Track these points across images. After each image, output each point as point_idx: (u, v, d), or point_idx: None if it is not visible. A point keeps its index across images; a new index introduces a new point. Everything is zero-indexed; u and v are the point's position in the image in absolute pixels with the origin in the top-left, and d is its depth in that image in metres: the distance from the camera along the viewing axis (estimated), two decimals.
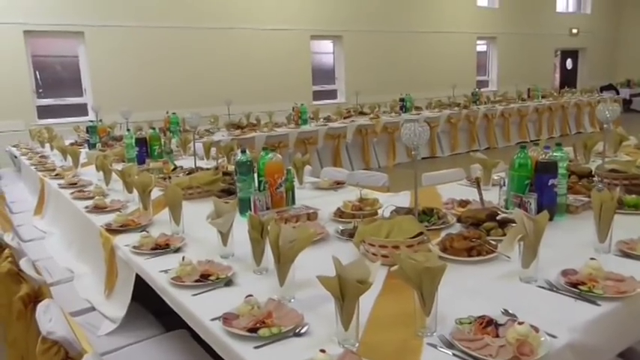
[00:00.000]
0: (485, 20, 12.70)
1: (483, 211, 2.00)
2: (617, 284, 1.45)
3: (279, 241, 1.41)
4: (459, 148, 8.54)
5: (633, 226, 1.97)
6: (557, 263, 1.60)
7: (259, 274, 1.65)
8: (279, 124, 7.03)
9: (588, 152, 3.30)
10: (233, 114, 7.35)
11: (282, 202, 2.33)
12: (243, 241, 1.72)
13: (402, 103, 8.60)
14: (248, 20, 8.91)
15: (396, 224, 1.75)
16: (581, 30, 14.83)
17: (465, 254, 1.70)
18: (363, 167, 7.30)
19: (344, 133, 7.13)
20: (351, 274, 1.16)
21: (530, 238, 1.50)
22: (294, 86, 9.42)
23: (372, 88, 10.06)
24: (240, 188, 2.30)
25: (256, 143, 6.09)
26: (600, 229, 1.75)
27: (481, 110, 8.96)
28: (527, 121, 9.71)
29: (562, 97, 11.07)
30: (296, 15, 9.48)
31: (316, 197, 2.69)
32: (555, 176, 2.09)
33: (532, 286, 1.50)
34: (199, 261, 1.70)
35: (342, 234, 1.97)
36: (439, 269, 1.21)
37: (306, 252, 1.73)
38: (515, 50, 13.38)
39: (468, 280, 1.57)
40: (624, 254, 1.71)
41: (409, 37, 11.05)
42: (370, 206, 2.13)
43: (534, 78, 12.64)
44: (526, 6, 13.37)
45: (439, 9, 11.60)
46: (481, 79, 13.13)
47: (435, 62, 11.49)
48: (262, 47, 9.11)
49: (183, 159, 4.12)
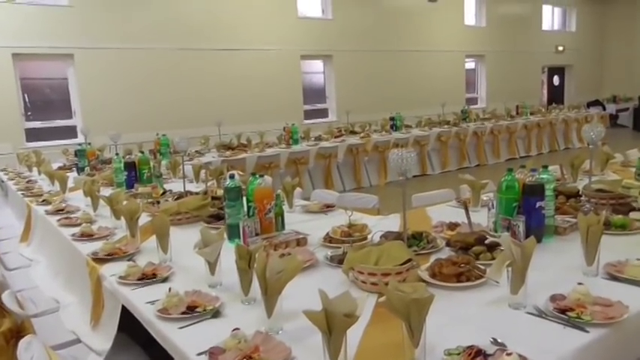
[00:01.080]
0: (474, 39, 12.88)
1: (472, 235, 2.00)
2: (605, 309, 1.44)
3: (266, 272, 1.40)
4: (450, 166, 8.58)
5: (621, 247, 1.98)
6: (546, 287, 1.60)
7: (247, 304, 1.64)
8: (270, 144, 7.04)
9: (575, 171, 3.32)
10: (224, 134, 7.35)
11: (271, 227, 2.32)
12: (231, 268, 1.70)
13: (392, 122, 8.65)
14: (238, 41, 8.97)
15: (385, 251, 1.74)
16: (566, 47, 15.08)
17: (454, 280, 1.70)
18: (354, 186, 7.31)
19: (335, 152, 7.15)
20: (337, 307, 1.15)
21: (517, 264, 1.50)
22: (285, 106, 9.47)
23: (363, 106, 10.13)
24: (229, 214, 2.29)
25: (247, 164, 6.09)
26: (587, 253, 1.75)
27: (471, 128, 9.03)
28: (516, 138, 9.80)
29: (550, 113, 11.20)
30: (286, 35, 9.57)
31: (306, 221, 2.68)
32: (542, 198, 2.10)
33: (521, 312, 1.50)
34: (186, 291, 1.68)
35: (331, 260, 1.96)
36: (427, 300, 1.20)
37: (294, 280, 1.72)
38: (503, 68, 13.55)
39: (457, 308, 1.56)
40: (612, 277, 1.72)
41: (399, 56, 11.17)
42: (359, 232, 2.13)
43: (522, 95, 12.80)
44: (513, 24, 13.59)
45: (428, 28, 11.76)
46: (470, 97, 13.27)
47: (425, 81, 11.60)
48: (253, 67, 9.17)
49: (173, 182, 4.10)
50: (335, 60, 10.36)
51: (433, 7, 11.53)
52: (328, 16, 10.26)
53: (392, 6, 11.07)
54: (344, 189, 7.12)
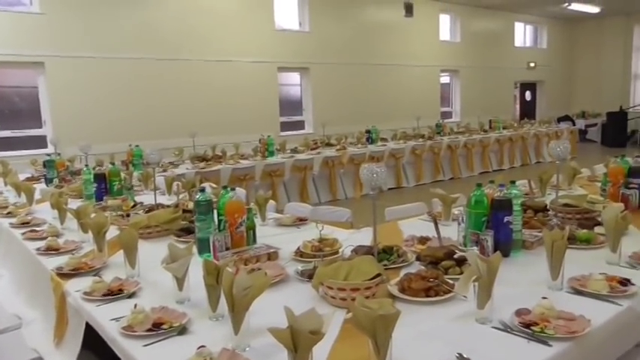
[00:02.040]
0: (448, 54, 13.11)
1: (441, 249, 2.02)
2: (568, 324, 1.47)
3: (233, 288, 1.39)
4: (425, 179, 8.67)
5: (585, 262, 2.03)
6: (513, 302, 1.62)
7: (215, 320, 1.61)
8: (246, 156, 7.01)
9: (544, 186, 3.39)
10: (199, 146, 7.30)
11: (242, 241, 2.30)
12: (200, 284, 1.67)
13: (368, 135, 8.72)
14: (215, 52, 8.95)
15: (355, 265, 1.74)
16: (538, 64, 15.46)
17: (423, 295, 1.71)
18: (330, 199, 7.33)
19: (311, 164, 7.16)
20: (303, 324, 1.15)
21: (483, 279, 1.52)
22: (262, 117, 9.46)
23: (339, 119, 10.19)
24: (199, 228, 2.26)
25: (221, 176, 6.04)
26: (552, 267, 1.79)
27: (445, 141, 9.16)
28: (489, 152, 9.97)
29: (522, 128, 11.44)
30: (263, 47, 9.58)
31: (278, 235, 2.67)
32: (510, 213, 2.13)
33: (487, 327, 1.51)
34: (153, 308, 1.65)
35: (301, 275, 1.95)
36: (393, 316, 1.20)
37: (264, 295, 1.71)
38: (477, 82, 13.82)
39: (425, 322, 1.57)
40: (576, 291, 1.75)
41: (375, 70, 11.29)
42: (330, 246, 2.13)
43: (496, 109, 13.06)
44: (486, 40, 13.89)
45: (404, 42, 11.93)
46: (445, 111, 13.47)
47: (400, 94, 11.75)
48: (229, 79, 9.15)
49: (144, 194, 4.04)
50: (312, 72, 10.41)
51: (409, 22, 11.70)
52: (305, 29, 10.33)
53: (369, 20, 11.21)
54: (319, 201, 7.13)
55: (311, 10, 10.26)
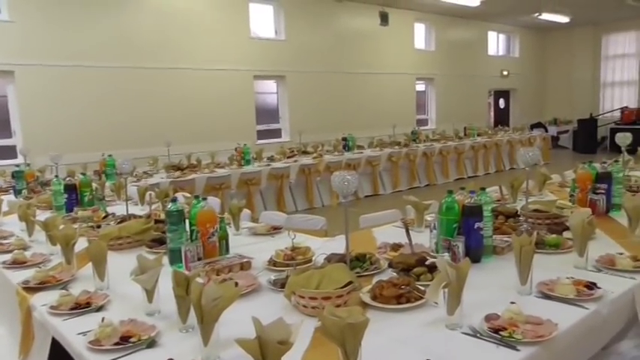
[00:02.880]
0: (423, 62, 13.28)
1: (413, 256, 2.03)
2: (536, 328, 1.49)
3: (202, 299, 1.37)
4: (401, 186, 8.74)
5: (554, 266, 2.06)
6: (483, 307, 1.64)
7: (185, 332, 1.59)
8: (221, 165, 6.97)
9: (515, 192, 3.44)
10: (174, 155, 7.23)
11: (214, 251, 2.28)
12: (171, 295, 1.65)
13: (344, 143, 8.76)
14: (190, 60, 8.90)
15: (327, 274, 1.74)
16: (511, 72, 15.76)
17: (395, 302, 1.71)
18: (307, 207, 7.33)
19: (287, 172, 7.15)
20: (271, 334, 1.14)
21: (453, 285, 1.53)
22: (238, 126, 9.42)
23: (316, 127, 10.22)
24: (171, 239, 2.24)
25: (196, 185, 5.99)
26: (521, 272, 1.81)
27: (420, 148, 9.26)
28: (464, 159, 10.10)
29: (496, 135, 11.63)
30: (239, 55, 9.57)
31: (252, 244, 2.65)
32: (481, 219, 2.16)
33: (457, 332, 1.53)
34: (121, 321, 1.62)
35: (274, 284, 1.94)
36: (362, 324, 1.20)
37: (235, 305, 1.69)
38: (452, 90, 14.01)
39: (396, 329, 1.58)
40: (544, 295, 1.78)
41: (351, 78, 11.36)
42: (302, 255, 2.12)
43: (470, 117, 13.25)
44: (460, 49, 14.11)
45: (380, 51, 12.04)
46: (421, 118, 13.62)
47: (377, 102, 11.84)
48: (205, 87, 9.10)
49: (117, 204, 3.98)
50: (288, 80, 10.43)
51: (384, 30, 11.83)
52: (281, 37, 10.35)
53: (344, 28, 11.30)
54: (296, 209, 7.12)
55: (287, 18, 10.30)
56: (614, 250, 2.24)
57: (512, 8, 12.80)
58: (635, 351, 1.90)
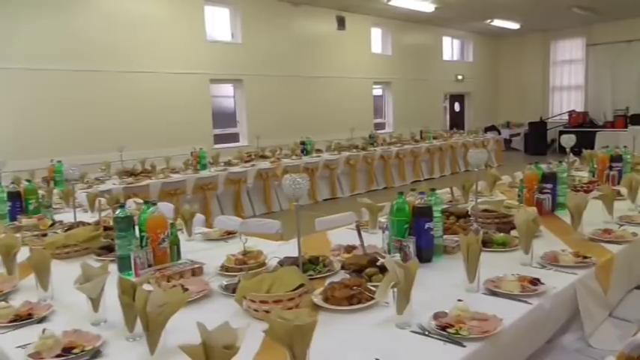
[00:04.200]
0: (381, 66, 13.46)
1: (365, 257, 2.05)
2: (482, 324, 1.53)
3: (147, 307, 1.34)
4: (359, 189, 8.81)
5: (501, 264, 2.12)
6: (432, 305, 1.67)
7: (133, 340, 1.55)
8: (177, 170, 6.84)
9: (466, 192, 3.53)
10: (127, 160, 7.05)
11: (165, 258, 2.24)
12: (118, 304, 1.61)
13: (302, 146, 8.77)
14: (144, 63, 8.70)
15: (278, 277, 1.74)
16: (465, 76, 16.18)
17: (346, 303, 1.72)
18: (265, 211, 7.28)
19: (245, 177, 7.09)
20: (216, 339, 1.12)
21: (401, 284, 1.55)
22: (194, 130, 9.27)
23: (274, 131, 10.19)
24: (119, 246, 2.18)
25: (151, 191, 5.86)
26: (469, 270, 1.86)
27: (378, 152, 9.36)
28: (420, 161, 10.29)
29: (451, 138, 11.90)
30: (195, 58, 9.43)
31: (205, 250, 2.62)
32: (431, 220, 2.20)
33: (406, 331, 1.55)
34: (65, 331, 1.56)
35: (226, 289, 1.92)
36: (309, 326, 1.20)
37: (186, 311, 1.66)
38: (408, 94, 14.25)
39: (347, 330, 1.59)
40: (491, 292, 1.83)
41: (309, 82, 11.40)
42: (254, 259, 2.11)
43: (427, 120, 13.51)
44: (416, 54, 14.38)
45: (337, 55, 12.12)
46: (378, 122, 13.79)
47: (335, 106, 11.90)
48: (160, 91, 8.91)
49: (66, 212, 3.85)
50: (245, 84, 10.36)
51: (342, 34, 11.93)
52: (238, 41, 10.27)
53: (301, 32, 11.32)
54: (254, 214, 7.08)
55: (243, 21, 10.23)
56: (559, 247, 2.33)
57: (465, 14, 13.15)
58: (578, 343, 1.98)
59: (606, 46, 14.95)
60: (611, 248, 2.34)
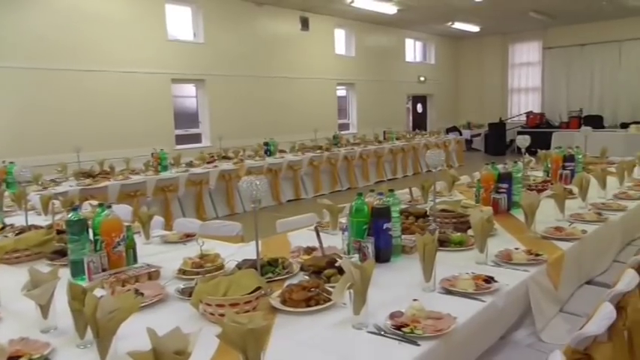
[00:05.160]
0: (344, 67, 13.53)
1: (323, 258, 2.05)
2: (436, 322, 1.56)
3: (97, 313, 1.30)
4: (323, 190, 8.83)
5: (457, 263, 2.17)
6: (389, 305, 1.68)
7: (83, 347, 1.51)
8: (137, 171, 6.70)
9: (426, 193, 3.58)
10: (85, 161, 6.86)
11: (121, 262, 2.19)
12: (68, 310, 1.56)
13: (266, 147, 8.73)
14: (102, 62, 8.47)
15: (235, 280, 1.72)
16: (428, 78, 16.44)
17: (304, 305, 1.72)
18: (228, 213, 7.21)
19: (207, 178, 7.00)
20: (167, 345, 1.10)
21: (357, 285, 1.56)
22: (155, 131, 9.09)
23: (237, 132, 10.10)
24: (72, 250, 2.12)
25: (109, 193, 5.71)
26: (425, 270, 1.89)
27: (341, 152, 9.41)
28: (383, 162, 10.39)
29: (414, 138, 12.06)
30: (156, 58, 9.24)
31: (162, 253, 2.57)
32: (389, 220, 2.23)
33: (363, 332, 1.56)
34: (11, 340, 1.50)
35: (182, 293, 1.89)
36: (263, 330, 1.20)
37: (140, 317, 1.63)
38: (372, 95, 14.37)
39: (304, 332, 1.59)
40: (447, 291, 1.86)
41: (273, 82, 11.34)
42: (211, 262, 2.08)
43: (390, 121, 13.66)
44: (379, 55, 14.52)
45: (301, 56, 12.11)
46: (342, 123, 13.85)
47: (298, 106, 11.89)
48: (119, 90, 8.69)
49: (18, 215, 3.71)
50: (208, 84, 10.23)
51: (305, 35, 11.94)
52: (200, 40, 10.13)
53: (265, 32, 11.26)
54: (217, 216, 7.00)
55: (205, 20, 10.10)
56: (513, 245, 2.39)
57: (427, 17, 13.37)
58: (530, 338, 2.04)
59: (561, 49, 15.47)
60: (562, 246, 2.42)
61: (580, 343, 1.52)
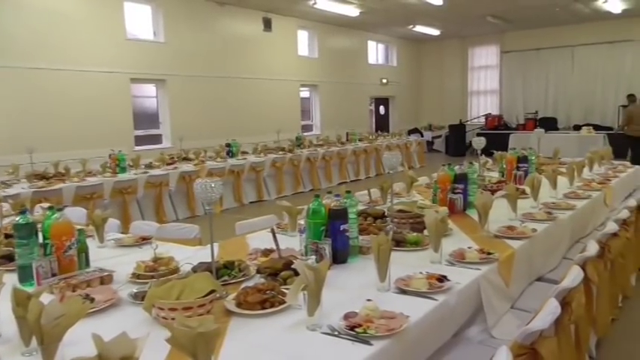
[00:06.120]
0: (307, 69, 13.54)
1: (280, 260, 2.05)
2: (389, 322, 1.58)
3: (42, 319, 1.27)
4: (285, 191, 8.80)
5: (413, 262, 2.20)
6: (345, 306, 1.69)
7: (29, 355, 1.46)
8: (94, 173, 6.52)
9: (385, 194, 3.63)
10: (39, 162, 6.64)
11: (72, 266, 2.13)
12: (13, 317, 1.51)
13: (228, 149, 8.64)
14: (59, 60, 8.20)
15: (189, 284, 1.70)
16: (390, 80, 16.64)
17: (259, 307, 1.72)
18: (188, 215, 7.10)
19: (167, 180, 6.88)
20: (113, 351, 1.08)
21: (311, 286, 1.57)
22: (113, 131, 8.87)
23: (199, 133, 9.97)
24: (20, 254, 2.05)
25: (64, 195, 5.54)
26: (380, 270, 1.91)
27: (304, 154, 9.41)
28: (346, 163, 10.45)
29: (376, 140, 12.18)
30: (114, 57, 9.02)
31: (117, 256, 2.51)
32: (346, 222, 2.24)
33: (317, 333, 1.57)
34: None
35: (135, 298, 1.85)
36: (213, 334, 1.19)
37: (90, 322, 1.60)
38: (335, 97, 14.44)
39: (258, 335, 1.58)
40: (401, 291, 1.89)
41: (235, 83, 11.25)
42: (165, 265, 2.05)
43: (353, 123, 13.76)
44: (343, 57, 14.61)
45: (264, 56, 12.05)
46: (306, 124, 13.87)
47: (261, 108, 11.83)
48: (75, 90, 8.43)
49: None
50: (169, 84, 10.06)
51: (268, 36, 11.89)
52: (160, 39, 9.95)
53: (228, 33, 11.16)
54: (177, 218, 6.88)
55: (166, 20, 9.93)
56: (467, 244, 2.45)
57: (389, 20, 13.54)
58: (482, 335, 2.10)
59: (518, 53, 15.94)
60: (513, 244, 2.50)
61: (526, 338, 1.57)
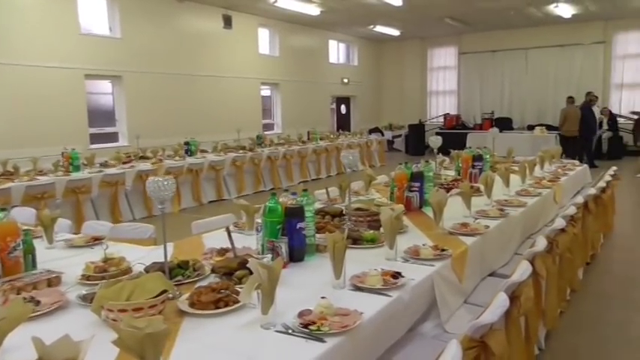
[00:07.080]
0: (268, 67, 13.47)
1: (235, 259, 2.03)
2: (343, 319, 1.59)
3: None
4: (246, 190, 8.73)
5: (369, 260, 2.22)
6: (300, 304, 1.69)
7: None
8: (45, 172, 6.29)
9: (343, 192, 3.65)
10: None
11: (18, 268, 2.05)
12: None
13: (186, 147, 8.50)
14: (7, 54, 7.86)
15: (139, 284, 1.66)
16: (351, 79, 16.75)
17: (213, 307, 1.70)
18: (145, 215, 6.94)
19: (122, 179, 6.70)
20: (55, 354, 1.05)
21: (265, 285, 1.56)
22: (67, 129, 8.57)
23: (156, 131, 9.76)
24: None
25: (13, 194, 5.32)
26: (335, 267, 1.92)
27: (265, 153, 9.36)
28: (307, 162, 10.45)
29: (337, 139, 12.24)
30: (67, 52, 8.71)
31: (66, 257, 2.43)
32: (303, 220, 2.25)
33: (271, 331, 1.56)
34: None
35: (84, 300, 1.80)
36: (161, 334, 1.16)
37: (35, 326, 1.54)
38: (296, 96, 14.42)
39: (212, 335, 1.57)
40: (356, 288, 1.90)
41: (195, 81, 11.07)
42: (116, 266, 2.00)
43: (314, 122, 13.77)
44: (304, 56, 14.60)
45: (224, 54, 11.90)
46: (267, 123, 13.80)
47: (221, 106, 11.69)
48: (25, 86, 8.11)
49: None
50: (125, 81, 9.80)
51: (228, 33, 11.75)
52: (116, 35, 9.68)
53: (187, 30, 10.97)
54: (134, 218, 6.72)
55: (122, 15, 9.67)
56: (422, 241, 2.49)
57: (350, 19, 13.61)
58: (435, 330, 2.14)
59: (475, 55, 16.33)
60: (466, 240, 2.56)
61: (476, 331, 1.61)
